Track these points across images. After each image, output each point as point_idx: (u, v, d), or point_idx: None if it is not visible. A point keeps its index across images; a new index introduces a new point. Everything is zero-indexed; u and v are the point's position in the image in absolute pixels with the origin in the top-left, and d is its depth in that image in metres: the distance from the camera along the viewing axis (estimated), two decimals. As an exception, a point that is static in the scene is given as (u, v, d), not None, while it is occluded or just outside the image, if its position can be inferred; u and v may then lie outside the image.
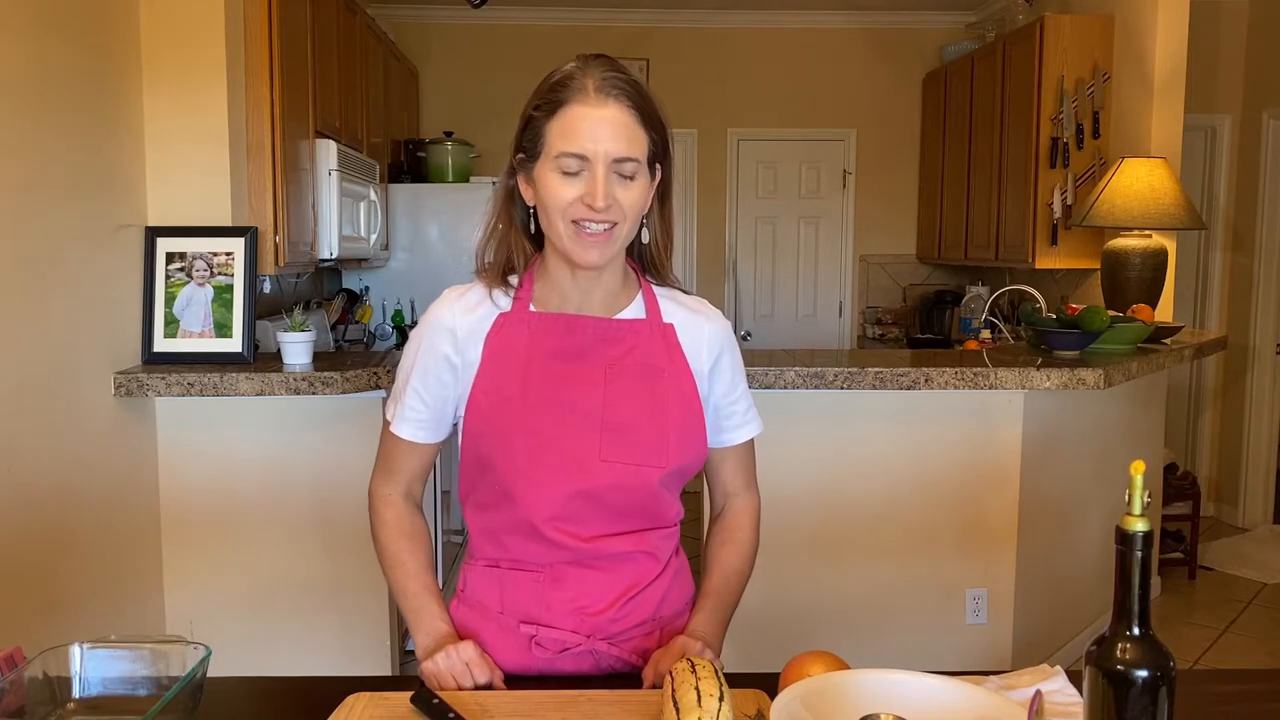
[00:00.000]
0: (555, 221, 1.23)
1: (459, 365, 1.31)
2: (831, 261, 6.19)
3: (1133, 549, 0.87)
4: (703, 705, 1.01)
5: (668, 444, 1.29)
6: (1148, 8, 4.08)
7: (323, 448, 2.77)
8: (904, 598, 3.02)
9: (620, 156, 1.21)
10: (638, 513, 1.31)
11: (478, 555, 1.37)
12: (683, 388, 1.32)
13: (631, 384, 1.29)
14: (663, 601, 1.35)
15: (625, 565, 1.31)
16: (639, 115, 1.23)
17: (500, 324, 1.30)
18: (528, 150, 1.26)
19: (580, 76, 1.22)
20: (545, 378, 1.28)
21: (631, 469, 1.27)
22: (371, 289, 4.93)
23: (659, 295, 1.36)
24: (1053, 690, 1.16)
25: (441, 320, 1.31)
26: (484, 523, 1.34)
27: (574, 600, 1.30)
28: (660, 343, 1.32)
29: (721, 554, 1.42)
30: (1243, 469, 5.18)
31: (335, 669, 2.80)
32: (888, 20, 5.96)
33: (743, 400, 1.41)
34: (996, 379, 2.80)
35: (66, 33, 2.35)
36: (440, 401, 1.33)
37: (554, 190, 1.22)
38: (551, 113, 1.22)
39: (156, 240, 2.73)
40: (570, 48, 5.97)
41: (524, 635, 1.31)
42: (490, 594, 1.34)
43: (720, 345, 1.37)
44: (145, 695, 1.13)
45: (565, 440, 1.26)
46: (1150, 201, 3.74)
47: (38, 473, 2.24)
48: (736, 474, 1.44)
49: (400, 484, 1.39)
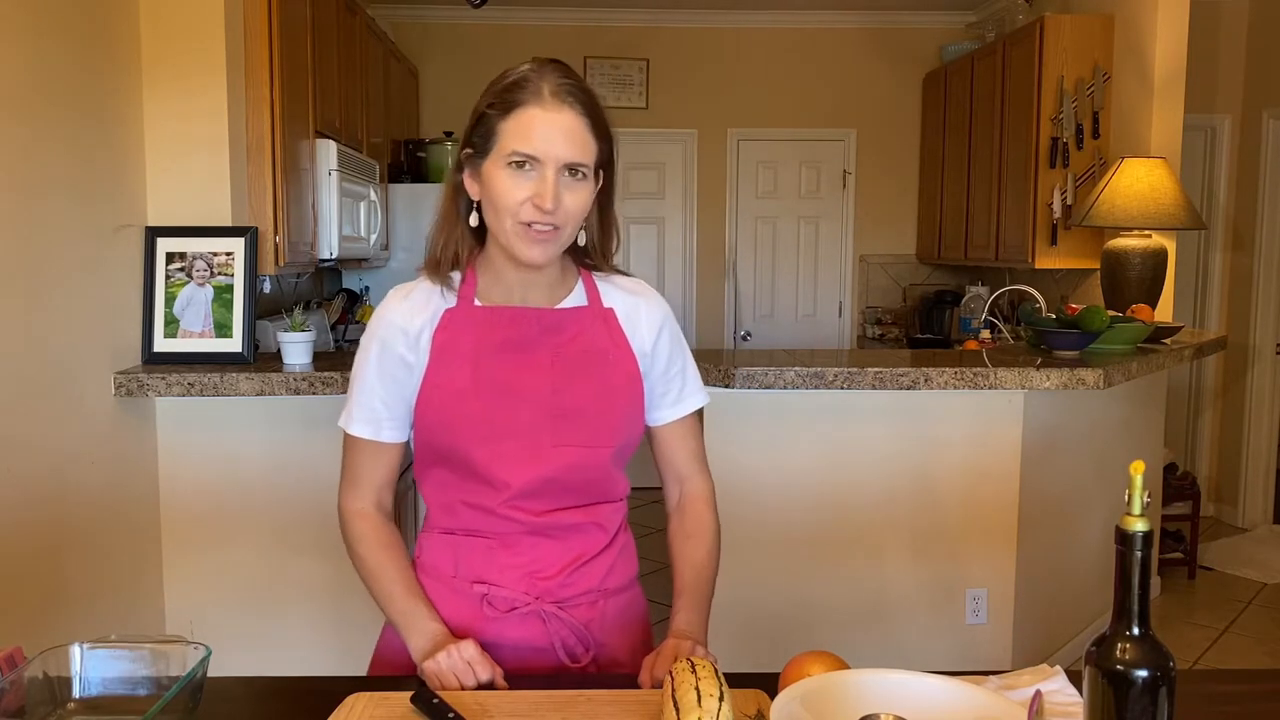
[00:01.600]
0: (503, 219, 1.26)
1: (413, 363, 1.34)
2: (831, 261, 6.19)
3: (1133, 549, 0.87)
4: (703, 705, 1.01)
5: (615, 424, 1.34)
6: (1148, 8, 4.08)
7: (323, 448, 2.77)
8: (904, 598, 3.02)
9: (571, 162, 1.25)
10: (589, 489, 1.36)
11: (434, 525, 1.40)
12: (626, 368, 1.37)
13: (578, 370, 1.33)
14: (608, 574, 1.39)
15: (575, 535, 1.36)
16: (590, 123, 1.27)
17: (447, 320, 1.33)
18: (477, 146, 1.29)
19: (536, 80, 1.25)
20: (494, 369, 1.31)
21: (583, 451, 1.32)
22: (371, 289, 4.93)
23: (598, 281, 1.40)
24: (1053, 690, 1.16)
25: (393, 321, 1.35)
26: (440, 498, 1.38)
27: (525, 566, 1.34)
28: (602, 327, 1.37)
29: (687, 549, 1.44)
30: (1243, 469, 5.18)
31: (335, 669, 2.80)
32: (888, 20, 5.96)
33: (681, 376, 1.44)
34: (996, 379, 2.80)
35: (67, 33, 2.35)
36: (400, 401, 1.36)
37: (503, 188, 1.25)
38: (506, 112, 1.25)
39: (156, 240, 2.73)
40: (570, 48, 5.98)
41: (475, 594, 1.34)
42: (444, 559, 1.38)
43: (660, 323, 1.41)
44: (145, 695, 1.13)
45: (518, 429, 1.30)
46: (1150, 201, 3.74)
47: (38, 472, 2.24)
48: (685, 455, 1.46)
49: (369, 495, 1.43)
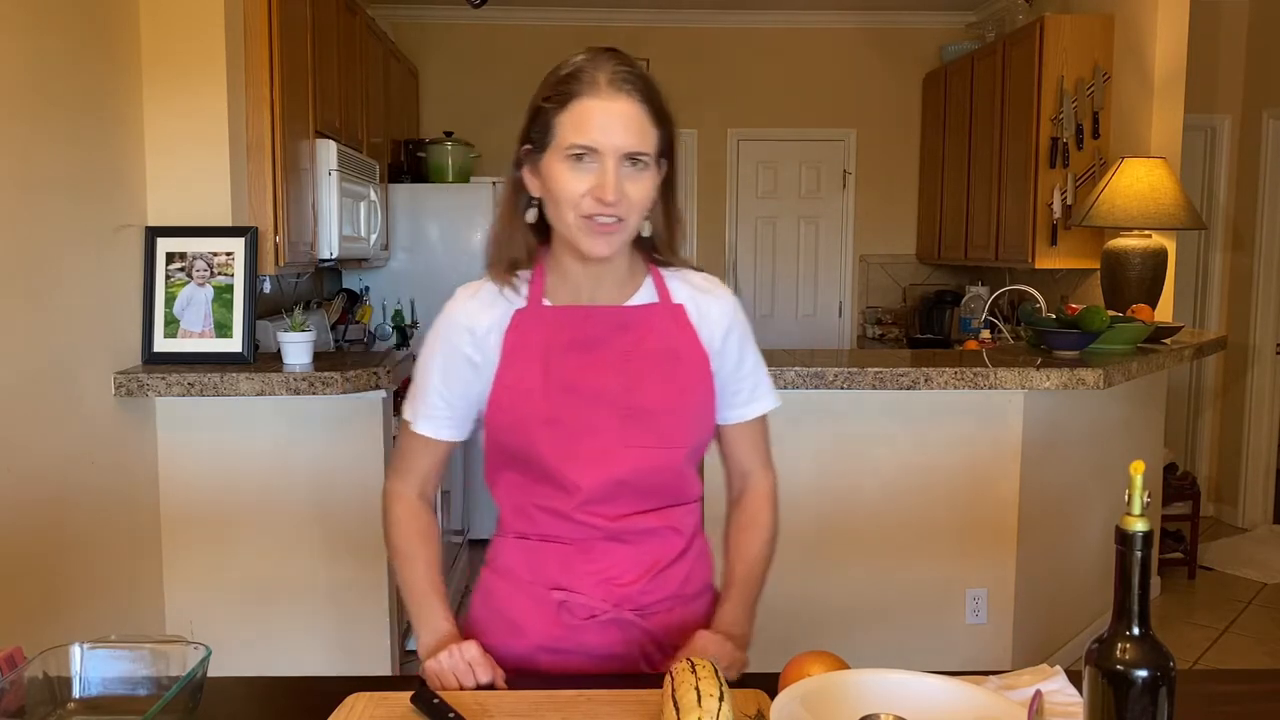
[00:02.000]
0: (565, 213, 1.24)
1: (479, 363, 1.32)
2: (831, 261, 6.19)
3: (1133, 549, 0.87)
4: (703, 705, 1.01)
5: (689, 423, 1.32)
6: (1148, 8, 4.08)
7: (323, 448, 2.77)
8: (904, 597, 3.02)
9: (631, 151, 1.22)
10: (663, 491, 1.33)
11: (507, 529, 1.38)
12: (697, 366, 1.34)
13: (648, 368, 1.31)
14: (686, 580, 1.37)
15: (651, 540, 1.34)
16: (649, 110, 1.24)
17: (517, 320, 1.31)
18: (535, 142, 1.26)
19: (591, 69, 1.23)
20: (564, 370, 1.29)
21: (655, 452, 1.29)
22: (371, 289, 4.93)
23: (667, 277, 1.37)
24: (1053, 690, 1.16)
25: (459, 320, 1.33)
26: (512, 501, 1.35)
27: (602, 572, 1.32)
28: (673, 325, 1.34)
29: (742, 540, 1.43)
30: (1243, 469, 5.18)
31: (335, 669, 2.80)
32: (888, 20, 5.96)
33: (752, 376, 1.41)
34: (996, 379, 2.80)
35: (67, 33, 2.35)
36: (463, 400, 1.35)
37: (563, 182, 1.23)
38: (562, 105, 1.23)
39: (156, 240, 2.73)
40: (570, 47, 5.94)
41: (553, 601, 1.32)
42: (520, 564, 1.36)
43: (729, 320, 1.37)
44: (145, 695, 1.13)
45: (588, 430, 1.28)
46: (1150, 201, 3.74)
47: (38, 472, 2.24)
48: (750, 452, 1.44)
49: (414, 483, 1.41)
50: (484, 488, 1.42)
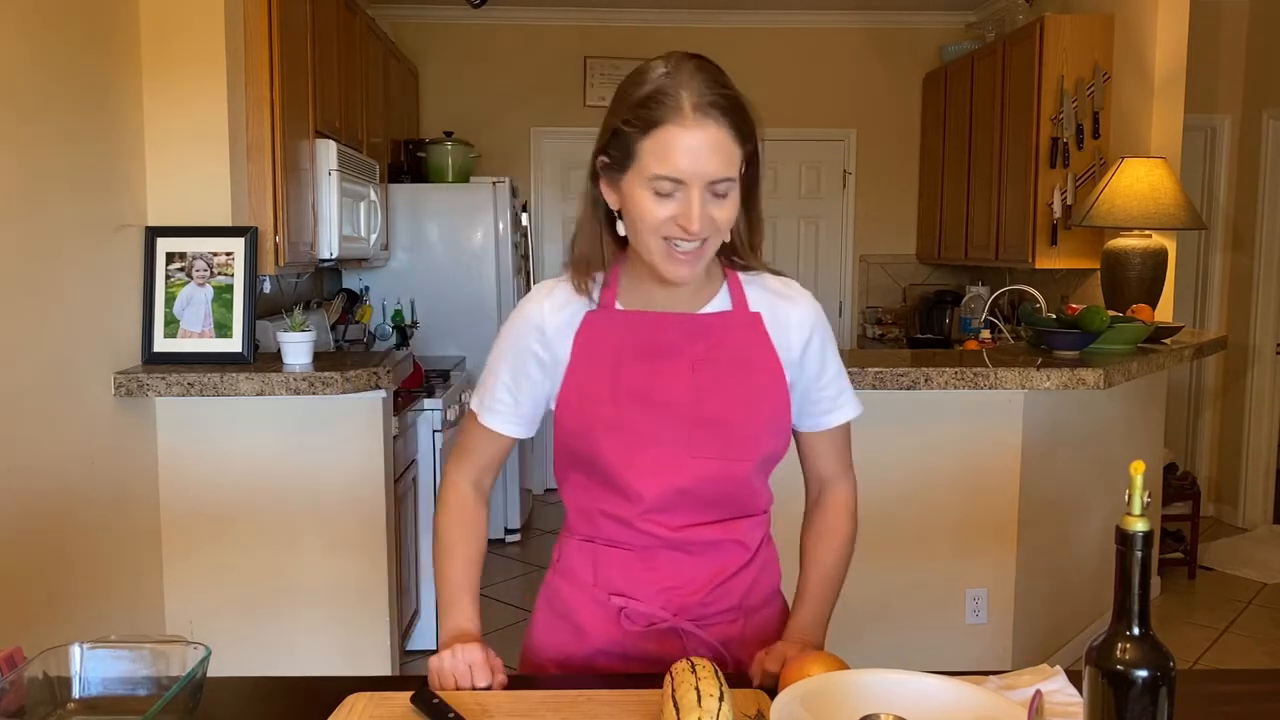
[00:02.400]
0: (646, 238, 1.21)
1: (548, 361, 1.32)
2: (831, 261, 6.19)
3: (1133, 549, 0.87)
4: (702, 705, 1.01)
5: (758, 435, 1.29)
6: (1148, 8, 4.08)
7: (323, 448, 2.77)
8: (904, 598, 3.02)
9: (716, 178, 1.18)
10: (727, 503, 1.32)
11: (574, 530, 1.38)
12: (772, 377, 1.31)
13: (720, 378, 1.29)
14: (750, 590, 1.36)
15: (714, 552, 1.32)
16: (735, 133, 1.19)
17: (589, 322, 1.31)
18: (614, 160, 1.22)
19: (674, 90, 1.16)
20: (634, 375, 1.28)
21: (723, 463, 1.28)
22: (371, 289, 4.93)
23: (745, 283, 1.34)
24: (1053, 690, 1.16)
25: (530, 317, 1.33)
26: (579, 503, 1.35)
27: (663, 581, 1.31)
28: (748, 333, 1.31)
29: (819, 549, 1.40)
30: (1243, 469, 5.18)
31: (335, 669, 2.80)
32: (888, 20, 5.96)
33: (834, 384, 1.37)
34: (996, 379, 2.79)
35: (66, 32, 2.35)
36: (530, 397, 1.34)
37: (646, 208, 1.19)
38: (645, 130, 1.17)
39: (156, 240, 2.73)
40: (570, 47, 5.99)
41: (614, 607, 1.32)
42: (584, 567, 1.35)
43: (810, 328, 1.35)
44: (145, 695, 1.13)
45: (656, 438, 1.27)
46: (1150, 201, 3.74)
47: (38, 473, 2.24)
48: (830, 459, 1.41)
49: (471, 473, 1.41)
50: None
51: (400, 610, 3.14)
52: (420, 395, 3.71)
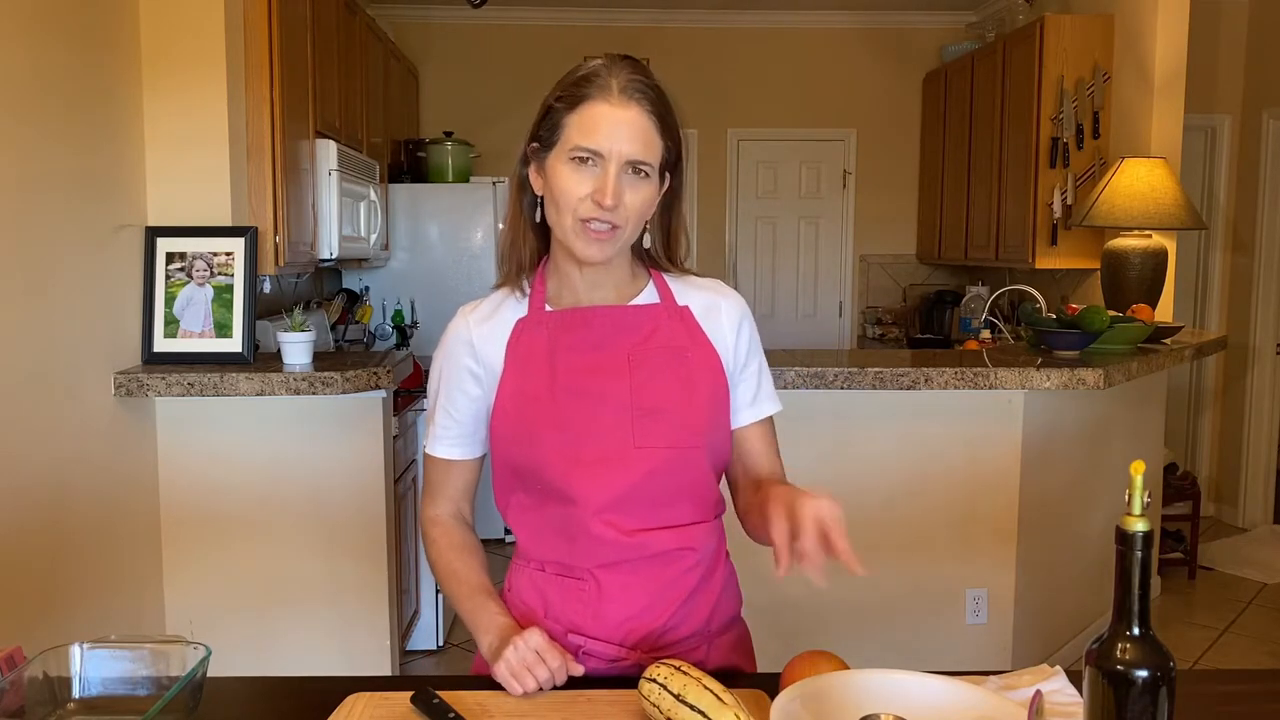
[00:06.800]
0: (563, 215, 1.24)
1: (481, 374, 1.32)
2: (831, 261, 6.19)
3: (1133, 549, 0.87)
4: (724, 700, 1.02)
5: (700, 420, 1.29)
6: (1148, 8, 4.08)
7: (323, 448, 2.77)
8: (904, 598, 3.02)
9: (634, 159, 1.22)
10: (680, 499, 1.29)
11: (524, 558, 1.35)
12: (708, 364, 1.31)
13: (657, 367, 1.29)
14: (712, 615, 1.34)
15: (669, 564, 1.28)
16: (658, 122, 1.24)
17: (520, 328, 1.31)
18: (543, 140, 1.27)
19: (606, 75, 1.23)
20: (570, 372, 1.28)
21: (668, 452, 1.26)
22: (371, 289, 4.93)
23: (670, 281, 1.36)
24: (1053, 690, 1.16)
25: (458, 334, 1.34)
26: (526, 525, 1.33)
27: (622, 611, 1.28)
28: (679, 324, 1.32)
29: (766, 487, 1.29)
30: (1243, 469, 5.18)
31: (335, 669, 2.80)
32: (888, 20, 5.96)
33: (757, 377, 1.38)
34: (996, 379, 2.79)
35: (67, 33, 2.35)
36: (470, 415, 1.34)
37: (565, 183, 1.23)
38: (573, 106, 1.23)
39: (156, 240, 2.73)
40: (570, 47, 5.98)
41: (570, 645, 1.28)
42: (534, 601, 1.33)
43: (739, 318, 1.36)
44: (145, 695, 1.13)
45: (598, 432, 1.26)
46: (1150, 201, 3.74)
47: (38, 473, 2.24)
48: (767, 456, 1.38)
49: (445, 505, 1.40)
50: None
51: (400, 610, 3.14)
52: (420, 395, 3.72)
